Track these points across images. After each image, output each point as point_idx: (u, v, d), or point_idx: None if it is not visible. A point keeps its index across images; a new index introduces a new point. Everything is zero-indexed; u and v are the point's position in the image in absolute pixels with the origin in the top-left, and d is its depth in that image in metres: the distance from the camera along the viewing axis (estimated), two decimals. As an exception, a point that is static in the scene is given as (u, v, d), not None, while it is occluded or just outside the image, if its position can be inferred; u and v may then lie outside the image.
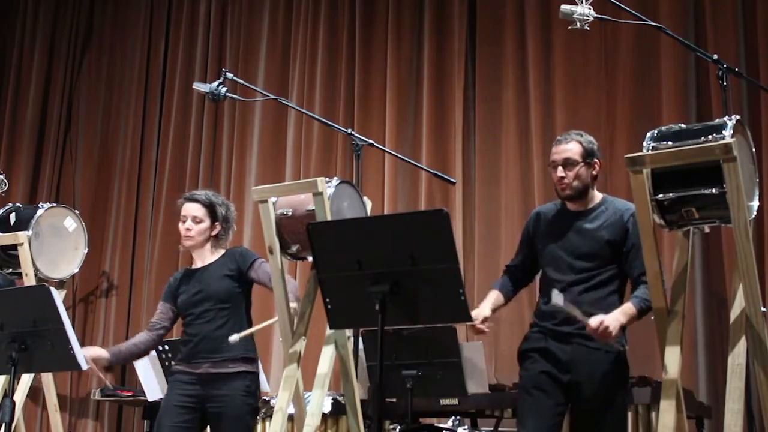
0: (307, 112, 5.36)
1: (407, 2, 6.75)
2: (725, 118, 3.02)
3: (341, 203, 3.78)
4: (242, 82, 4.43)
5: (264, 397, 4.82)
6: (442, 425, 4.89)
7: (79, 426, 7.03)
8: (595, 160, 3.46)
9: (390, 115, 6.56)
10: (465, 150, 6.34)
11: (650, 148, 3.04)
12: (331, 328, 3.61)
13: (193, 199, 3.94)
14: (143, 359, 5.17)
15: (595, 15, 3.37)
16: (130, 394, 6.48)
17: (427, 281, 2.75)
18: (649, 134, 3.10)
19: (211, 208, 3.93)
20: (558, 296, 3.20)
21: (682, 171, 2.95)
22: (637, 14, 3.54)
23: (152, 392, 5.28)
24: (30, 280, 4.92)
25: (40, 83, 7.83)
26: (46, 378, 5.02)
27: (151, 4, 7.73)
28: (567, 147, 3.46)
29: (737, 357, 3.04)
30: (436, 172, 4.67)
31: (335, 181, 3.78)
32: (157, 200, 7.32)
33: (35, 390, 5.94)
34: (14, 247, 5.01)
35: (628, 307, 3.28)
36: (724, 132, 2.93)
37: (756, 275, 2.93)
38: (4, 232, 5.12)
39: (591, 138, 3.50)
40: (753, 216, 3.03)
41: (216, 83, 4.13)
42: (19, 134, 7.72)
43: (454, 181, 5.08)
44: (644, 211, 3.04)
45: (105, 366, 3.94)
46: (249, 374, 3.80)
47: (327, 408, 4.71)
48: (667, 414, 3.03)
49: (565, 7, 3.37)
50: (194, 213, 3.91)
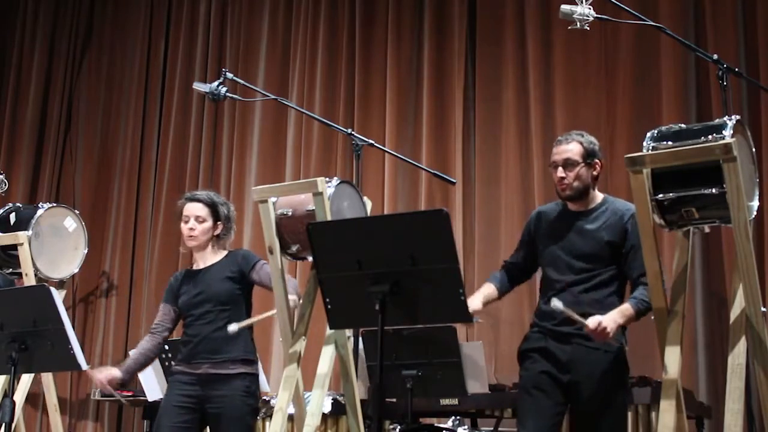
0: (307, 112, 5.36)
1: (407, 2, 6.75)
2: (725, 118, 3.02)
3: (341, 203, 3.78)
4: (242, 82, 4.43)
5: (264, 397, 4.82)
6: (442, 425, 4.88)
7: (79, 427, 7.02)
8: (596, 160, 3.46)
9: (390, 115, 6.56)
10: (465, 150, 6.34)
11: (650, 148, 3.04)
12: (331, 328, 3.61)
13: (195, 199, 3.93)
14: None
15: (595, 15, 3.37)
16: (130, 394, 6.48)
17: (427, 281, 2.75)
18: (649, 134, 3.10)
19: (213, 207, 3.92)
20: (557, 301, 3.22)
21: (682, 171, 2.95)
22: (637, 14, 3.54)
23: (152, 392, 5.28)
24: (30, 280, 4.92)
25: (40, 83, 7.83)
26: (46, 378, 5.02)
27: (151, 4, 7.73)
28: (567, 147, 3.46)
29: (737, 357, 3.04)
30: (436, 172, 4.67)
31: (335, 181, 3.77)
32: (157, 200, 7.32)
33: (34, 394, 5.95)
34: (14, 247, 5.01)
35: (626, 307, 3.28)
36: (724, 132, 2.93)
37: (756, 275, 2.94)
38: (4, 232, 5.12)
39: (592, 138, 3.49)
40: (753, 216, 3.03)
41: (216, 83, 4.13)
42: (19, 134, 7.72)
43: (454, 181, 5.08)
44: (644, 211, 3.04)
45: (119, 383, 3.93)
46: (249, 375, 3.80)
47: (327, 408, 4.70)
48: (667, 414, 3.03)
49: (565, 7, 3.37)
50: (197, 212, 3.89)
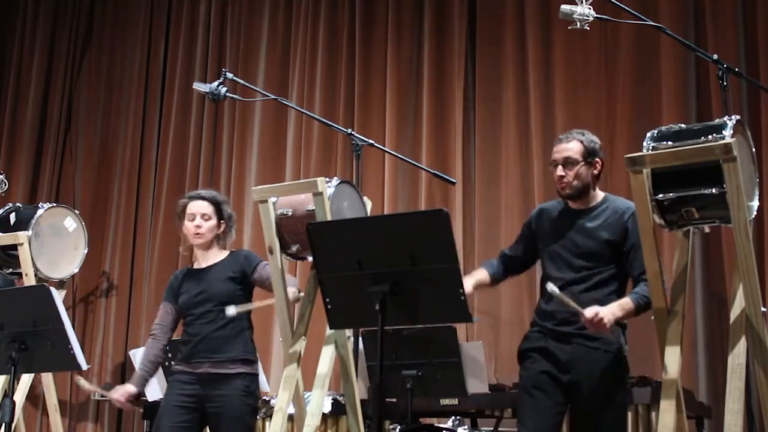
0: (307, 112, 5.37)
1: (407, 2, 6.75)
2: (725, 118, 3.01)
3: (341, 203, 3.78)
4: (242, 82, 4.43)
5: (264, 397, 4.82)
6: (442, 425, 4.88)
7: (79, 428, 7.02)
8: (597, 159, 3.45)
9: (390, 115, 6.56)
10: (465, 150, 6.34)
11: (650, 148, 3.04)
12: (331, 328, 3.61)
13: (200, 197, 3.96)
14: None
15: (595, 15, 3.37)
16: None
17: (427, 281, 2.75)
18: (649, 134, 3.10)
19: (217, 206, 3.96)
20: (553, 286, 3.21)
21: (682, 171, 2.95)
22: (637, 14, 3.54)
23: (152, 392, 5.28)
24: (30, 280, 4.92)
25: (40, 83, 7.82)
26: (46, 378, 5.02)
27: (151, 4, 7.73)
28: (567, 146, 3.46)
29: (737, 357, 3.04)
30: (436, 172, 4.67)
31: (335, 181, 3.77)
32: (157, 200, 7.31)
33: (34, 394, 5.95)
34: (14, 247, 5.01)
35: (626, 301, 3.28)
36: (724, 132, 2.93)
37: (756, 275, 2.93)
38: (4, 232, 5.12)
39: (593, 137, 3.48)
40: (753, 216, 3.03)
41: (216, 83, 4.13)
42: (19, 134, 7.71)
43: (454, 181, 5.08)
44: (644, 211, 3.04)
45: (136, 396, 3.94)
46: (248, 375, 3.80)
47: (327, 408, 4.70)
48: (667, 414, 3.03)
49: (565, 7, 3.37)
50: (203, 210, 3.92)
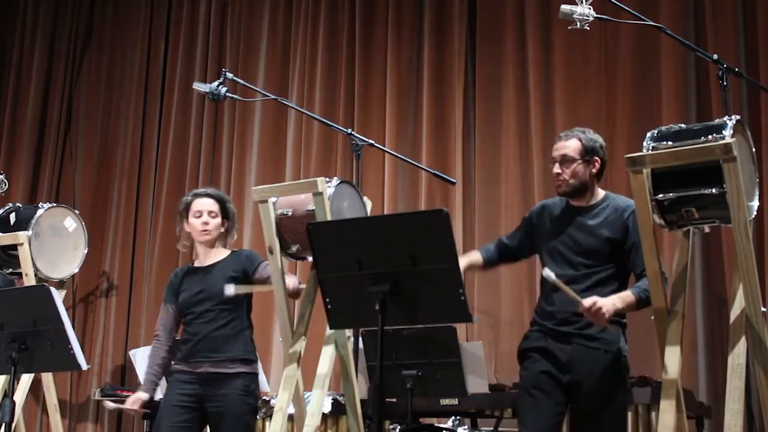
0: (307, 112, 5.37)
1: (407, 2, 6.75)
2: (725, 118, 3.01)
3: (341, 203, 3.78)
4: (242, 82, 4.43)
5: (264, 397, 4.82)
6: (442, 425, 4.88)
7: (79, 428, 7.01)
8: (595, 158, 3.44)
9: (390, 115, 6.56)
10: (465, 150, 6.34)
11: (650, 148, 3.04)
12: (331, 328, 3.61)
13: (206, 195, 3.98)
14: (143, 359, 5.17)
15: (595, 15, 3.37)
16: (130, 394, 6.46)
17: (427, 281, 2.75)
18: (649, 134, 3.09)
19: (223, 204, 3.99)
20: (548, 271, 3.20)
21: (682, 171, 2.94)
22: (637, 14, 3.54)
23: (152, 392, 5.27)
24: (30, 280, 4.91)
25: (40, 83, 7.82)
26: (46, 378, 5.01)
27: (151, 4, 7.73)
28: (566, 144, 3.45)
29: (737, 357, 3.04)
30: (436, 172, 4.67)
31: (335, 181, 3.77)
32: (157, 200, 7.31)
33: (34, 394, 5.94)
34: (14, 247, 5.01)
35: (627, 294, 3.28)
36: (724, 132, 2.93)
37: (756, 275, 2.93)
38: (4, 232, 5.11)
39: (594, 136, 3.47)
40: (753, 216, 3.03)
41: (216, 83, 4.13)
42: (19, 134, 7.71)
43: (454, 181, 5.08)
44: (644, 211, 3.03)
45: (149, 402, 3.95)
46: (248, 374, 3.81)
47: (327, 408, 4.70)
48: (667, 414, 3.02)
49: (565, 7, 3.37)
50: (210, 208, 3.94)
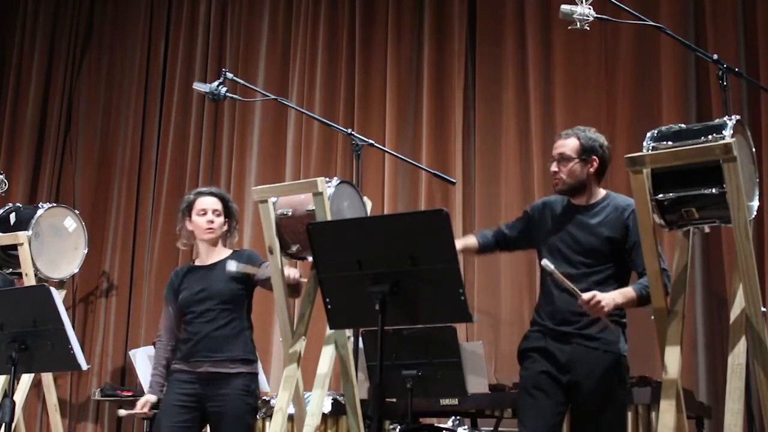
0: (307, 112, 5.37)
1: (407, 2, 6.75)
2: (725, 118, 3.01)
3: (341, 203, 3.78)
4: (242, 82, 4.43)
5: (264, 397, 4.82)
6: (442, 425, 4.88)
7: (79, 428, 7.02)
8: (593, 157, 3.43)
9: (390, 115, 6.56)
10: (465, 150, 6.34)
11: (650, 148, 3.04)
12: (331, 328, 3.61)
13: (210, 194, 4.00)
14: (143, 359, 5.18)
15: (595, 15, 3.37)
16: (130, 394, 6.48)
17: (427, 281, 2.75)
18: (649, 134, 3.09)
19: (225, 203, 4.01)
20: (547, 261, 3.21)
21: (682, 171, 2.94)
22: (637, 14, 3.54)
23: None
24: (30, 280, 4.91)
25: (40, 83, 7.82)
26: (46, 378, 5.01)
27: (151, 4, 7.73)
28: (564, 142, 3.46)
29: (737, 357, 3.04)
30: (436, 172, 4.67)
31: (335, 181, 3.77)
32: (157, 200, 7.31)
33: (34, 394, 5.94)
34: (14, 247, 5.00)
35: (628, 290, 3.28)
36: (724, 132, 2.93)
37: (756, 275, 2.93)
38: (4, 232, 5.11)
39: (594, 135, 3.46)
40: (753, 216, 3.03)
41: (216, 83, 4.13)
42: (19, 134, 7.71)
43: (454, 181, 5.08)
44: (644, 211, 3.03)
45: (155, 404, 3.95)
46: (248, 374, 3.82)
47: (327, 408, 4.70)
48: (667, 414, 3.02)
49: (565, 7, 3.37)
50: (214, 206, 3.96)
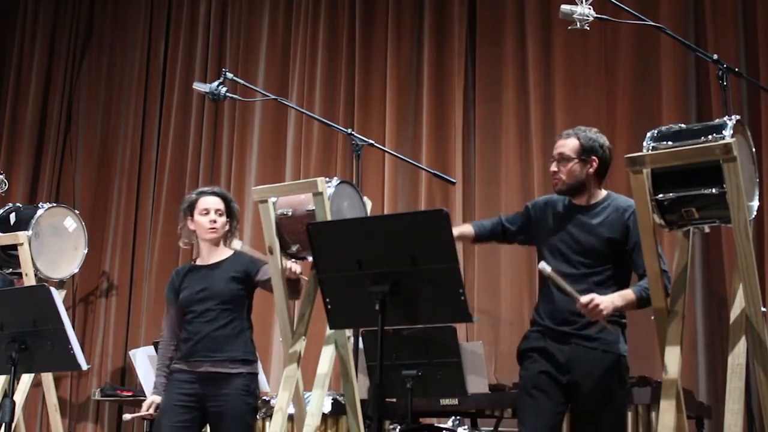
0: (307, 112, 5.37)
1: (407, 2, 6.75)
2: (725, 118, 3.01)
3: (341, 203, 3.78)
4: (242, 82, 4.44)
5: (264, 397, 4.82)
6: (442, 425, 4.88)
7: (79, 428, 7.02)
8: (593, 157, 3.42)
9: (390, 115, 6.56)
10: (465, 150, 6.34)
11: (650, 148, 3.04)
12: (331, 328, 3.61)
13: (213, 193, 4.00)
14: (143, 359, 5.17)
15: (595, 15, 3.37)
16: (130, 394, 6.48)
17: (427, 281, 2.75)
18: (649, 134, 3.09)
19: (227, 203, 4.01)
20: (544, 264, 3.20)
21: (682, 171, 2.94)
22: (637, 14, 3.54)
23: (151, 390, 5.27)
24: (30, 280, 4.91)
25: (40, 83, 7.82)
26: (46, 378, 5.01)
27: (151, 4, 7.73)
28: (564, 142, 3.45)
29: (737, 357, 3.04)
30: (436, 172, 4.67)
31: (335, 181, 3.77)
32: (157, 200, 7.31)
33: (34, 394, 5.94)
34: (14, 247, 5.00)
35: (627, 292, 3.28)
36: (724, 132, 2.93)
37: (756, 275, 2.93)
38: (4, 232, 5.11)
39: (594, 135, 3.45)
40: (753, 216, 3.03)
41: (216, 83, 4.14)
42: (19, 134, 7.71)
43: (454, 181, 5.08)
44: (644, 211, 3.03)
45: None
46: (248, 374, 3.82)
47: (327, 408, 4.70)
48: (667, 414, 3.02)
49: (565, 7, 3.37)
50: (217, 206, 3.96)
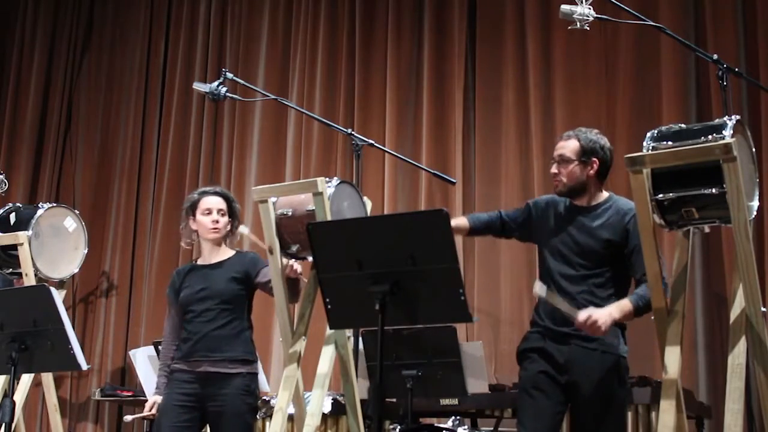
0: (307, 112, 5.37)
1: (407, 2, 6.75)
2: (725, 118, 3.01)
3: (341, 203, 3.78)
4: (242, 82, 4.44)
5: (264, 397, 4.82)
6: (442, 425, 4.88)
7: (79, 428, 7.02)
8: (594, 159, 3.41)
9: (390, 115, 6.56)
10: (465, 150, 6.34)
11: (650, 148, 3.03)
12: (331, 328, 3.61)
13: (215, 193, 4.00)
14: (143, 359, 5.17)
15: (595, 15, 3.37)
16: (130, 394, 6.48)
17: (427, 281, 2.75)
18: (649, 134, 3.09)
19: (229, 202, 4.00)
20: (541, 287, 3.20)
21: (682, 171, 2.94)
22: (637, 14, 3.54)
23: (151, 390, 5.27)
24: (30, 280, 4.91)
25: (40, 83, 7.83)
26: (46, 378, 5.01)
27: (151, 4, 7.73)
28: (564, 144, 3.45)
29: (737, 357, 3.04)
30: (436, 172, 4.67)
31: (335, 181, 3.77)
32: (157, 200, 7.32)
33: (34, 394, 5.94)
34: (14, 247, 5.00)
35: (624, 303, 3.27)
36: (724, 132, 2.92)
37: (756, 275, 2.93)
38: (4, 232, 5.11)
39: (595, 137, 3.44)
40: (753, 216, 3.03)
41: (216, 83, 4.13)
42: (19, 134, 7.72)
43: (454, 181, 5.08)
44: (644, 211, 3.03)
45: None
46: (248, 374, 3.82)
47: (327, 408, 4.70)
48: (667, 414, 3.02)
49: (565, 7, 3.37)
50: (219, 206, 3.96)
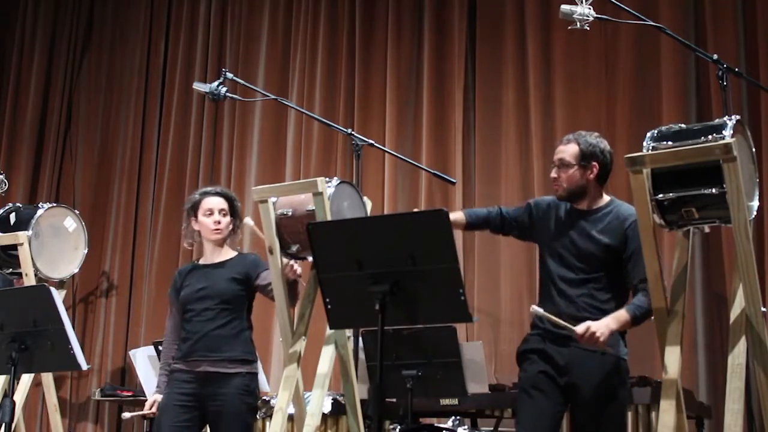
0: (307, 112, 5.37)
1: (407, 2, 6.75)
2: (725, 118, 3.01)
3: (341, 203, 3.78)
4: (242, 82, 4.44)
5: (264, 397, 4.82)
6: (442, 425, 4.88)
7: (79, 428, 7.02)
8: (593, 163, 3.40)
9: (390, 115, 6.56)
10: (465, 150, 6.34)
11: (650, 148, 3.04)
12: (331, 328, 3.61)
13: (216, 193, 3.99)
14: (143, 359, 5.18)
15: (595, 15, 3.37)
16: (130, 394, 6.48)
17: (427, 281, 2.75)
18: (649, 134, 3.09)
19: (231, 203, 4.00)
20: (536, 308, 3.27)
21: (682, 171, 2.94)
22: (637, 14, 3.54)
23: (151, 389, 5.27)
24: (30, 280, 4.91)
25: (40, 83, 7.83)
26: (46, 378, 5.01)
27: (151, 4, 7.73)
28: (564, 148, 3.44)
29: (737, 357, 3.04)
30: (436, 172, 4.67)
31: (335, 181, 3.77)
32: (157, 200, 7.32)
33: (34, 394, 5.94)
34: (14, 247, 5.00)
35: (621, 313, 3.27)
36: (724, 132, 2.93)
37: (756, 275, 2.93)
38: (4, 232, 5.11)
39: (595, 140, 3.43)
40: (753, 216, 3.03)
41: (216, 83, 4.14)
42: (19, 134, 7.72)
43: (454, 181, 5.08)
44: (644, 211, 3.03)
45: None
46: (248, 374, 3.81)
47: (327, 408, 4.70)
48: (667, 414, 3.02)
49: (565, 7, 3.37)
50: (221, 206, 3.96)
